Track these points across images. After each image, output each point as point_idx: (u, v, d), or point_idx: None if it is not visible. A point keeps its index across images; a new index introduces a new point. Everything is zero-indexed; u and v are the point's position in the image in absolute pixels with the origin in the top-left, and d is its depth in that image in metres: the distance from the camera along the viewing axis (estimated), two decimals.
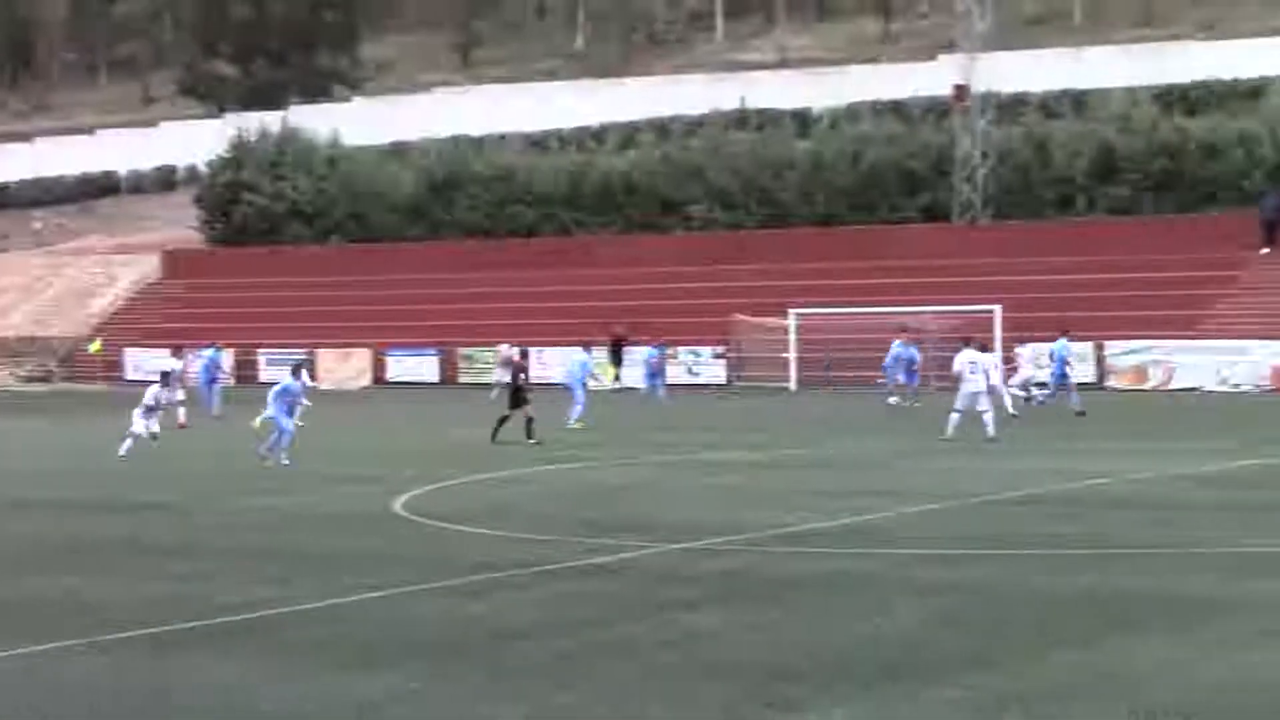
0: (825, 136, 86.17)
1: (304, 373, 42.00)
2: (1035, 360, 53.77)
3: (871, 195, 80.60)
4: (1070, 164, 77.14)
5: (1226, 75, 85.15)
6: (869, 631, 17.29)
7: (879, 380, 57.65)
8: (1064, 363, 50.52)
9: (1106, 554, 22.39)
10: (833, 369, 64.30)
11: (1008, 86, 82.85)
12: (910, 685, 14.84)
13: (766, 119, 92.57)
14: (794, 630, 17.40)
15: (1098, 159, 76.87)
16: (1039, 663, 15.80)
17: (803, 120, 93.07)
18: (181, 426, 47.23)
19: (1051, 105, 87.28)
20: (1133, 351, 63.20)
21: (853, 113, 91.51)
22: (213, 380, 56.40)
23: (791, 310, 67.46)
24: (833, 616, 18.16)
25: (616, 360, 70.53)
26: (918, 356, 57.41)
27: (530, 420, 41.11)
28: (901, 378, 56.70)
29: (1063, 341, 51.08)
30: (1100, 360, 63.76)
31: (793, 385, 66.74)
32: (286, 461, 35.72)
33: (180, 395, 48.63)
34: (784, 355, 67.37)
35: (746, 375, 69.69)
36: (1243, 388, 60.23)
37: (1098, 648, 16.37)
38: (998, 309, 61.06)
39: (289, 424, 36.44)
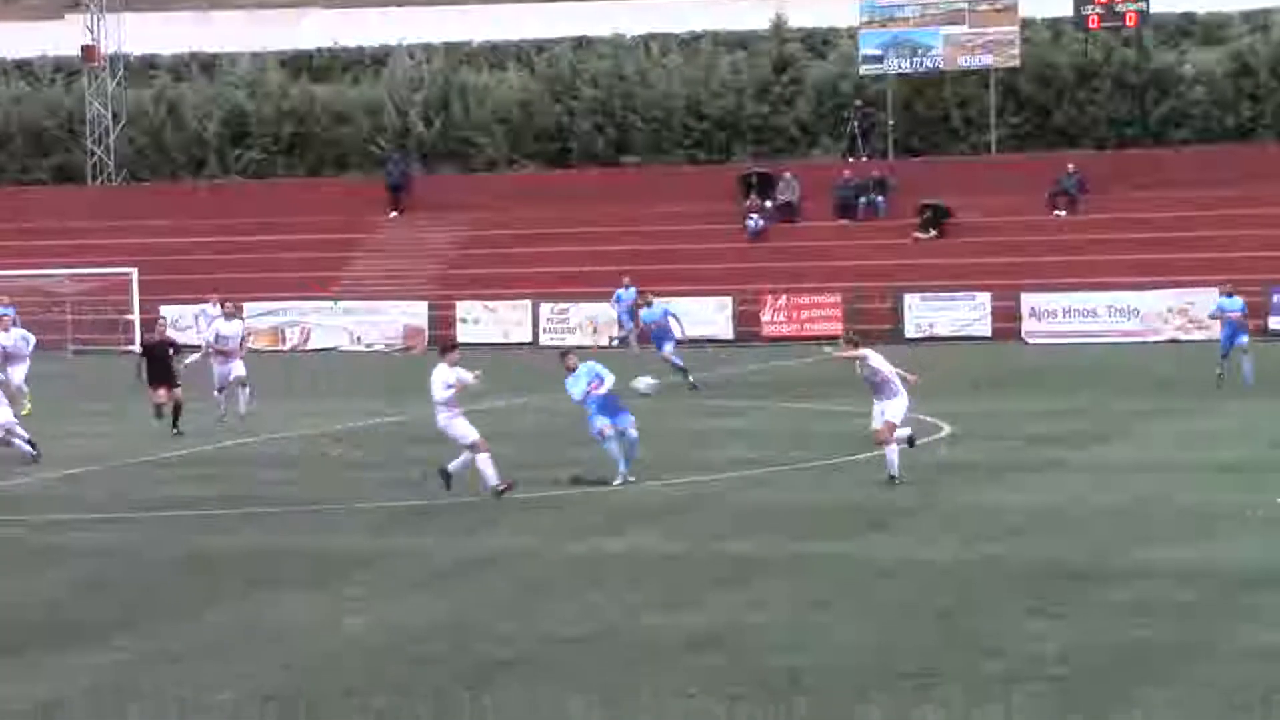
0: None
1: None
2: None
3: None
4: (202, 127, 77.33)
5: (352, 43, 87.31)
6: (16, 600, 17.12)
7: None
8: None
9: (252, 513, 22.92)
10: None
11: (138, 48, 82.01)
12: (58, 650, 14.82)
13: None
14: None
15: (229, 122, 77.40)
16: (193, 621, 16.14)
17: None
18: None
19: (181, 69, 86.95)
20: (270, 313, 64.06)
21: None
22: None
23: None
24: None
25: None
26: None
27: None
28: None
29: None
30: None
31: None
32: None
33: None
34: None
35: None
36: (375, 347, 62.23)
37: (249, 604, 16.83)
38: (134, 272, 60.65)
39: None
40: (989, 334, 59.32)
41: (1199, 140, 69.48)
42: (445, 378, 23.74)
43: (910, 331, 59.95)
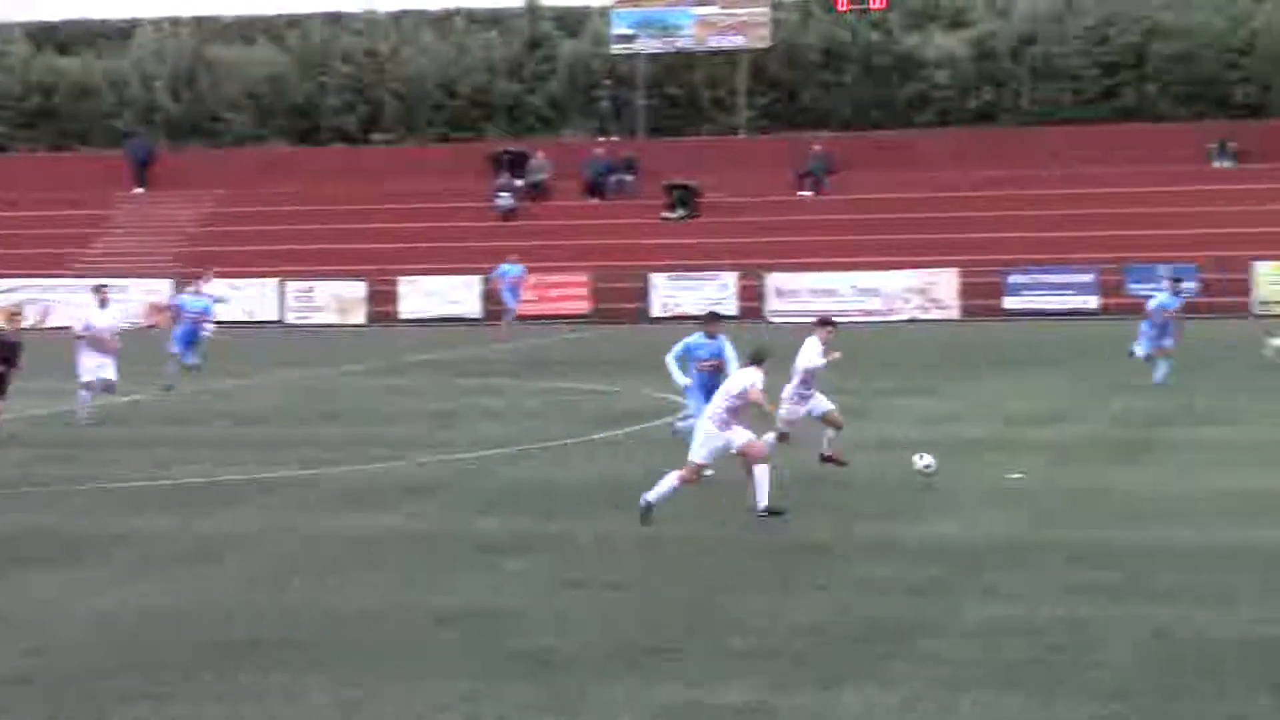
0: None
1: None
2: None
3: None
4: None
5: (97, 15, 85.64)
6: None
7: None
8: None
9: (7, 494, 22.55)
10: None
11: None
12: None
13: None
14: None
15: None
16: None
17: None
18: None
19: None
20: (10, 290, 62.55)
21: None
22: None
23: None
24: None
25: None
26: None
27: None
28: None
29: None
30: None
31: None
32: None
33: None
34: None
35: None
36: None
37: None
38: None
39: None
40: (735, 313, 60.00)
41: (943, 123, 71.02)
42: None
43: (657, 311, 60.50)
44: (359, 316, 61.76)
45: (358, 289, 62.05)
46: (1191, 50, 69.89)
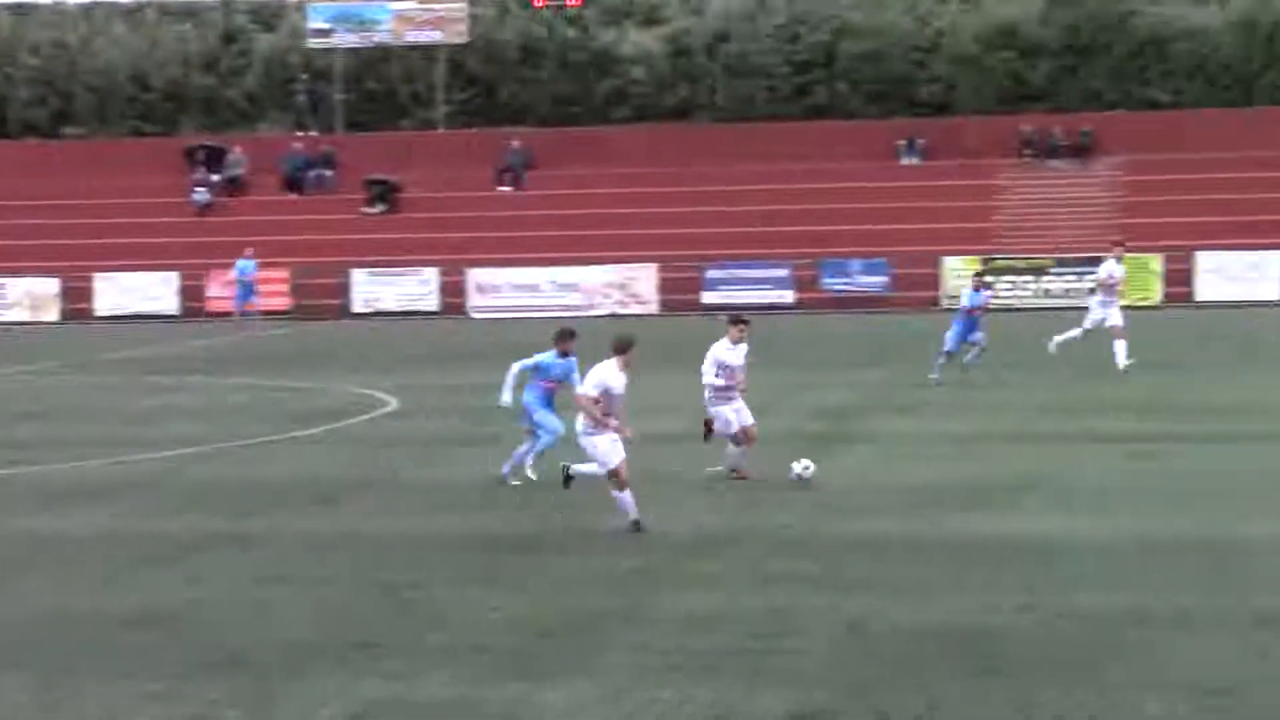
0: None
1: None
2: None
3: None
4: None
5: None
6: None
7: None
8: None
9: None
10: None
11: None
12: None
13: None
14: None
15: None
16: None
17: None
18: None
19: None
20: None
21: None
22: None
23: None
24: None
25: None
26: None
27: None
28: None
29: None
30: None
31: None
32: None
33: None
34: None
35: None
36: None
37: None
38: None
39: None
40: (437, 309, 59.97)
41: (640, 119, 71.72)
42: None
43: (358, 307, 60.16)
44: (52, 313, 60.30)
45: (51, 285, 60.54)
46: (880, 49, 71.58)
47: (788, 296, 59.15)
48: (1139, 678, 12.42)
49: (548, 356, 21.87)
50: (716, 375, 22.24)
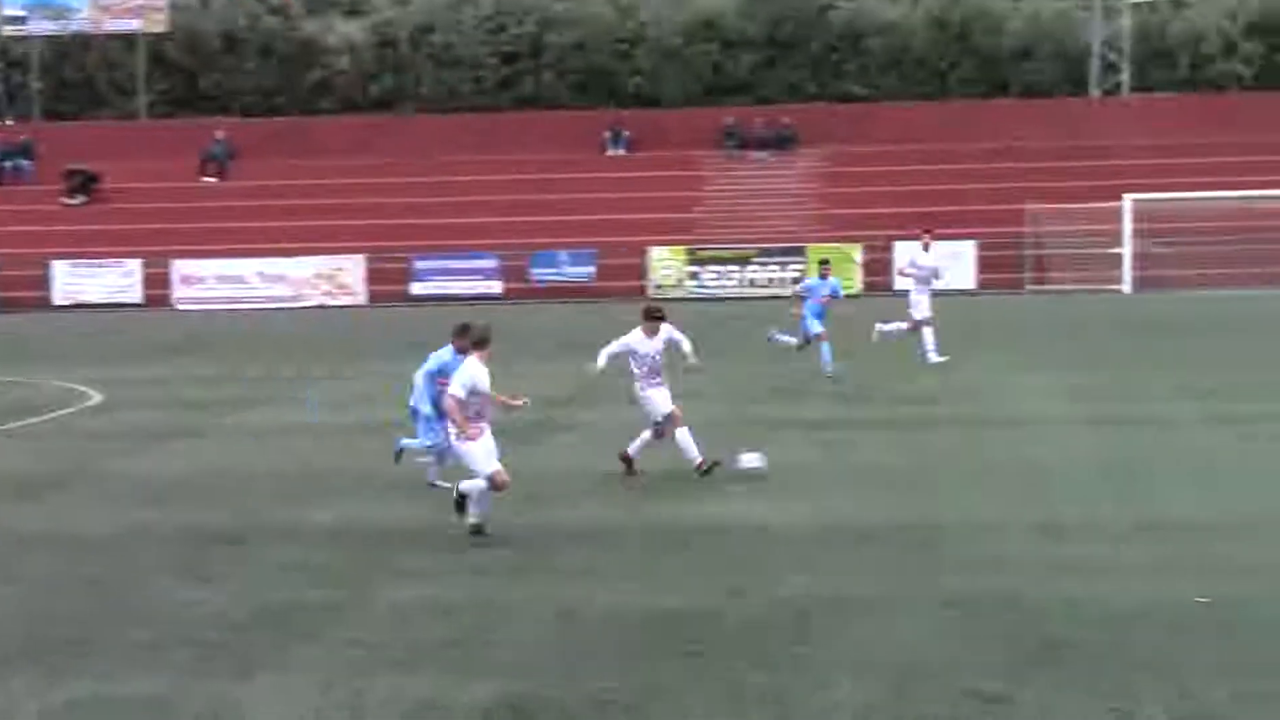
0: None
1: None
2: None
3: None
4: None
5: None
6: None
7: None
8: None
9: None
10: None
11: None
12: None
13: None
14: None
15: None
16: None
17: None
18: None
19: None
20: None
21: None
22: None
23: None
24: None
25: None
26: None
27: None
28: None
29: None
30: None
31: None
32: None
33: None
34: None
35: None
36: None
37: None
38: None
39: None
40: (141, 300, 58.99)
41: (345, 110, 71.29)
42: None
43: (59, 299, 58.92)
44: None
45: None
46: (584, 40, 72.08)
47: (496, 287, 59.28)
48: (837, 658, 12.79)
49: (446, 354, 19.88)
50: (644, 370, 21.30)
